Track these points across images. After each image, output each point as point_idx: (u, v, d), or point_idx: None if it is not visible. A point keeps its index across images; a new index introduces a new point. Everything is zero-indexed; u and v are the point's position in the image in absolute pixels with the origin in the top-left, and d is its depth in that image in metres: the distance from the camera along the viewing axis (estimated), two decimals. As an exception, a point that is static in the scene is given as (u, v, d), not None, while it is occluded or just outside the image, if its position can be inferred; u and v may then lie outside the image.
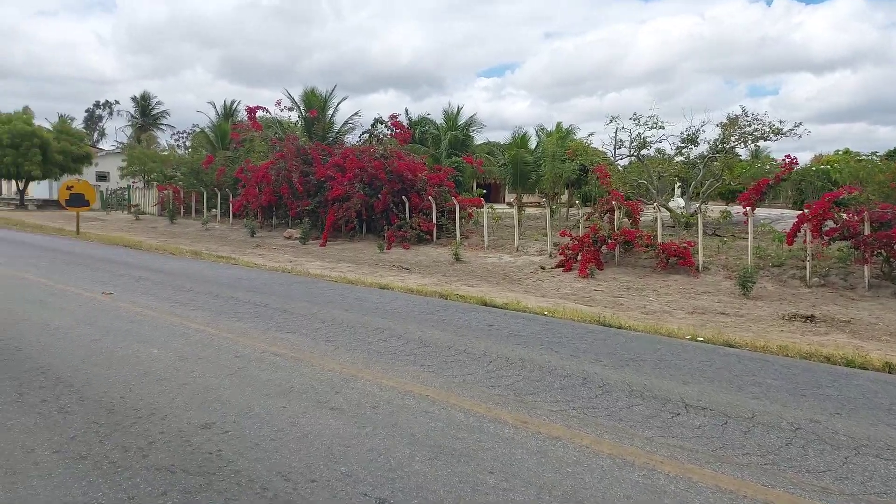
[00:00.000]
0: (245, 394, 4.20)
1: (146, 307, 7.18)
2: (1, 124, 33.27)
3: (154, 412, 3.83)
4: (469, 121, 36.50)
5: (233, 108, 38.95)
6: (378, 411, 3.89)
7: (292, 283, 9.82)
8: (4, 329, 5.91)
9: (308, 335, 6.01)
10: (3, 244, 14.76)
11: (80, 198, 19.73)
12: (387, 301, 8.33)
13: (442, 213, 18.51)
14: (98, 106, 64.58)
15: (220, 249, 16.16)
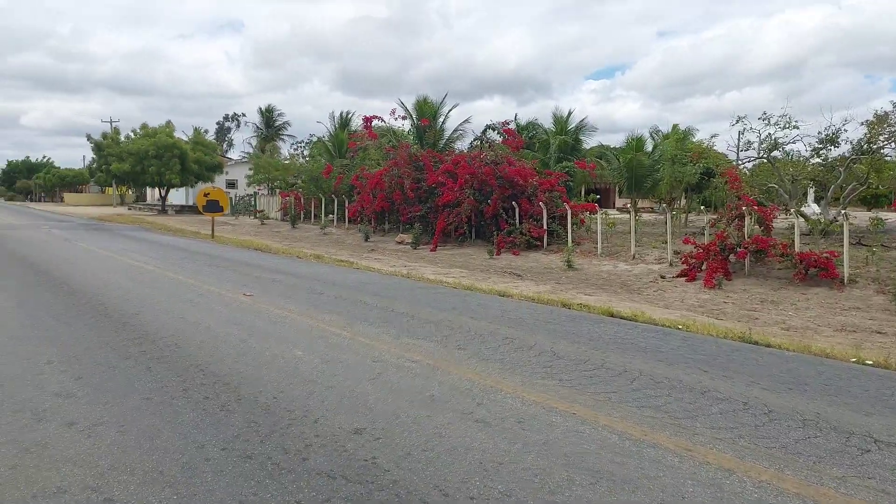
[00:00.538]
0: (388, 400, 4.23)
1: (284, 309, 7.55)
2: (147, 137, 36.98)
3: (306, 414, 3.94)
4: (579, 124, 35.59)
5: (348, 118, 40.63)
6: (525, 427, 3.75)
7: (414, 289, 9.96)
8: (165, 327, 6.42)
9: (439, 342, 6.01)
10: (153, 246, 16.29)
11: (215, 204, 21.41)
12: (509, 309, 8.19)
13: (553, 218, 18.15)
14: (227, 119, 70.22)
15: (338, 253, 16.81)
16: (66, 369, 4.88)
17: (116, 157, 35.67)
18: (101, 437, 3.58)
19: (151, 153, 35.37)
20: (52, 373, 4.79)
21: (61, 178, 69.14)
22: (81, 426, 3.73)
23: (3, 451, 3.37)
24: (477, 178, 18.98)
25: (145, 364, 5.03)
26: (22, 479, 3.05)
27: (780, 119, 18.75)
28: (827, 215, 18.57)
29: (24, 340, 5.77)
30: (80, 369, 4.88)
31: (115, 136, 39.70)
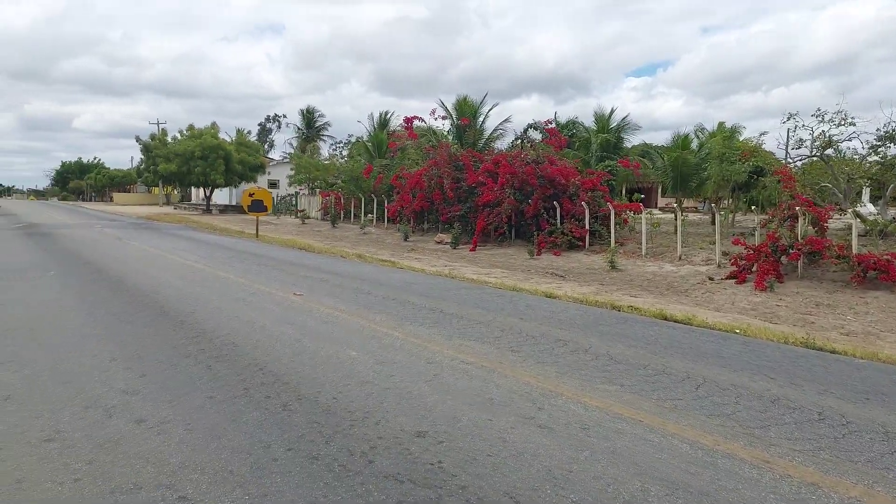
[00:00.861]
0: (447, 402, 4.19)
1: (334, 308, 7.60)
2: (193, 139, 37.99)
3: (367, 416, 3.94)
4: (621, 122, 34.96)
5: (386, 119, 40.88)
6: (590, 434, 3.66)
7: (459, 289, 9.92)
8: (220, 326, 6.53)
9: (491, 343, 5.95)
10: (201, 245, 16.68)
11: (259, 203, 21.81)
12: (558, 310, 8.07)
13: (595, 218, 17.87)
14: (268, 120, 71.64)
15: (379, 253, 16.91)
16: (130, 366, 5.00)
17: (164, 158, 36.76)
18: (169, 434, 3.64)
19: (197, 154, 36.32)
20: (116, 370, 4.92)
21: (111, 178, 71.71)
22: (150, 423, 3.81)
23: (80, 447, 3.45)
24: (517, 178, 18.83)
25: (205, 363, 5.11)
26: (99, 475, 3.11)
27: (834, 116, 18.01)
28: (885, 215, 17.76)
29: (88, 337, 5.94)
30: (144, 367, 4.99)
31: (163, 138, 40.93)
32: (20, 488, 2.99)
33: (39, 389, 4.42)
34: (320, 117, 63.82)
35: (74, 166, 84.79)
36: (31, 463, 3.26)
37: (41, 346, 5.60)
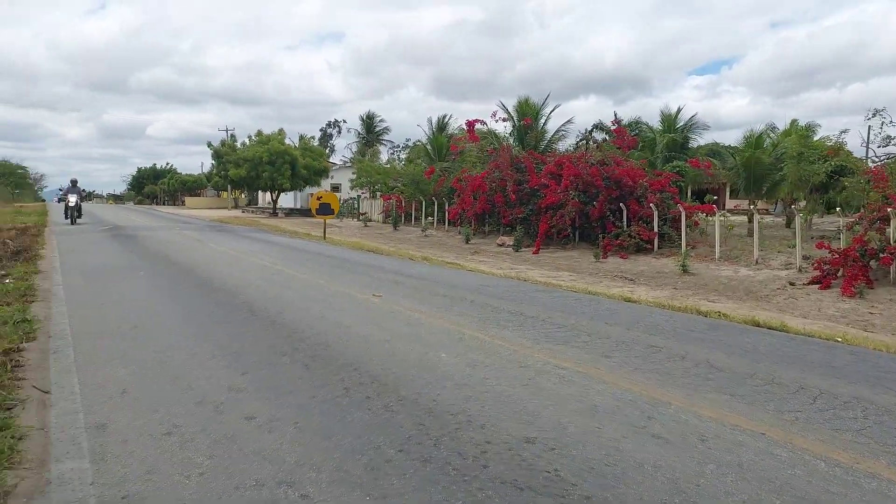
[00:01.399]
0: (549, 408, 4.09)
1: (415, 310, 7.63)
2: (262, 144, 39.24)
3: (470, 419, 3.89)
4: (688, 122, 33.87)
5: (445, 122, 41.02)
6: (709, 446, 3.48)
7: (533, 292, 9.79)
8: (309, 326, 6.65)
9: (581, 348, 5.80)
10: (275, 247, 17.18)
11: (326, 207, 22.29)
12: (641, 315, 7.82)
13: (664, 220, 17.32)
14: (329, 125, 73.36)
15: (443, 255, 16.95)
16: (229, 364, 5.15)
17: (233, 164, 38.16)
18: (280, 432, 3.70)
19: (265, 159, 37.50)
20: (217, 367, 5.07)
21: (182, 182, 75.18)
22: (260, 420, 3.88)
23: (198, 442, 3.55)
24: (582, 180, 18.50)
25: (301, 362, 5.20)
26: (221, 470, 3.19)
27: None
28: None
29: (186, 336, 6.17)
30: (243, 365, 5.12)
31: (232, 144, 42.51)
32: (150, 480, 3.10)
33: (151, 384, 4.60)
34: (380, 122, 64.87)
35: (149, 172, 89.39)
36: (156, 456, 3.38)
37: (145, 343, 5.85)
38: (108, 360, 5.21)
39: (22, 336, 5.82)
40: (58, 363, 5.13)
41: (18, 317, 6.54)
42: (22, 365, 5.02)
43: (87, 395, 4.35)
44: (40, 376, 4.79)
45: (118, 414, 3.99)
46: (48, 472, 3.18)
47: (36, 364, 5.10)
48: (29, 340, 5.78)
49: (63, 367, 5.01)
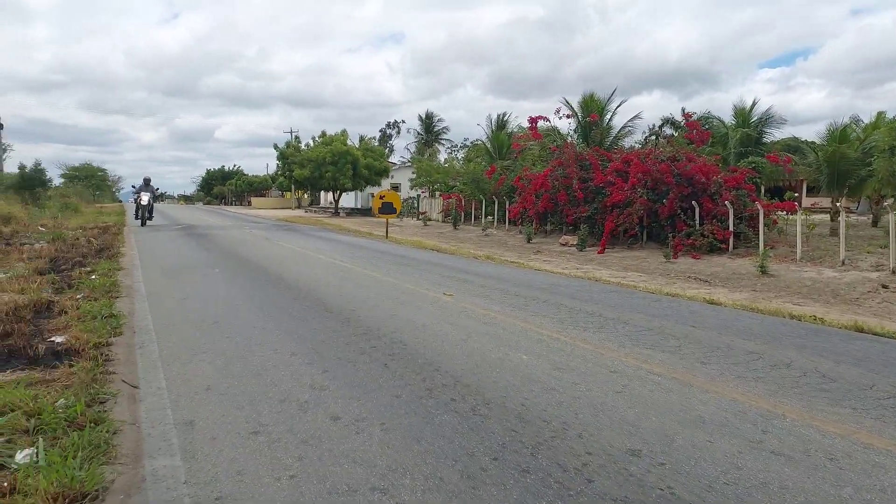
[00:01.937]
0: (650, 418, 3.80)
1: (487, 309, 7.43)
2: (325, 145, 40.07)
3: (565, 426, 3.65)
4: (763, 116, 32.13)
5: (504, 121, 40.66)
6: (841, 466, 3.11)
7: (607, 292, 9.40)
8: (384, 324, 6.56)
9: (672, 353, 5.44)
10: (341, 245, 17.38)
11: (389, 206, 22.41)
12: (728, 318, 7.33)
13: (739, 219, 16.42)
14: (388, 126, 74.27)
15: (505, 254, 16.67)
16: (310, 362, 5.09)
17: (298, 164, 39.11)
18: (367, 433, 3.58)
19: (328, 160, 38.25)
20: (299, 364, 5.02)
21: (249, 183, 77.85)
22: (345, 420, 3.78)
23: (285, 441, 3.47)
24: (651, 177, 17.78)
25: (381, 360, 5.09)
26: (312, 473, 3.08)
27: None
28: None
29: (265, 331, 6.19)
30: (323, 362, 5.06)
31: (297, 145, 43.60)
32: (242, 480, 3.02)
33: (235, 381, 4.59)
34: (439, 121, 65.05)
35: (217, 173, 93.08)
36: (245, 455, 3.31)
37: (227, 338, 5.90)
38: (192, 356, 5.26)
39: (110, 331, 5.98)
40: (144, 358, 5.22)
41: (106, 312, 6.75)
42: (111, 359, 5.13)
43: (174, 390, 4.38)
44: (128, 371, 4.88)
45: (205, 410, 3.97)
46: (142, 469, 3.17)
47: (124, 359, 5.20)
48: (116, 335, 5.93)
49: (149, 362, 5.09)
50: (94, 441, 3.38)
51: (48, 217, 24.17)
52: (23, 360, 5.13)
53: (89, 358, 5.05)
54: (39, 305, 7.11)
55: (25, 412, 3.76)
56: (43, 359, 5.14)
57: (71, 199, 37.45)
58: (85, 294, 7.97)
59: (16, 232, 16.89)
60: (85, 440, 3.34)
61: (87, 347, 5.34)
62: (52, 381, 4.52)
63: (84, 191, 54.09)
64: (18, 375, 4.67)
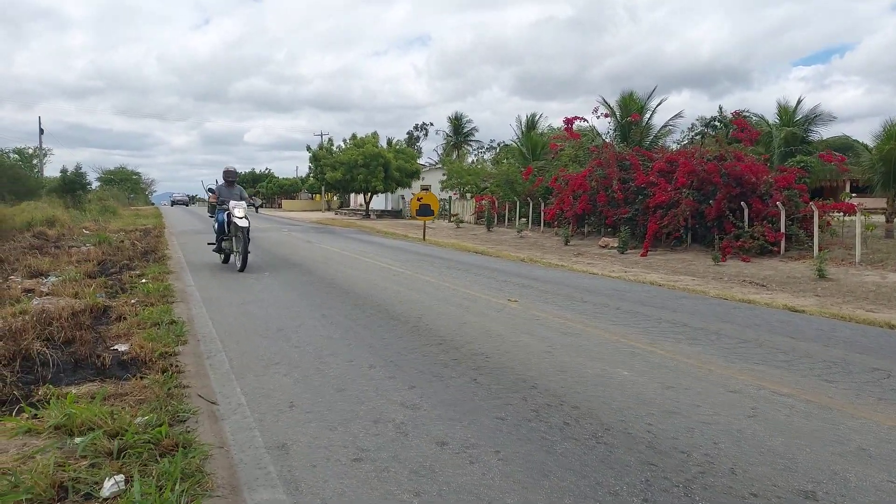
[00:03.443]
0: (804, 449, 3.32)
1: (560, 317, 6.99)
2: (356, 147, 39.94)
3: (710, 459, 3.19)
4: (809, 113, 31.10)
5: (534, 121, 40.09)
6: None
7: (678, 298, 8.88)
8: (457, 333, 6.16)
9: (787, 369, 4.94)
10: (381, 248, 17.08)
11: (427, 208, 22.06)
12: (824, 329, 6.77)
13: (791, 220, 15.70)
14: (416, 128, 74.17)
15: (545, 257, 16.21)
16: (391, 375, 4.72)
17: (330, 167, 39.04)
18: (483, 463, 3.17)
19: (360, 162, 38.10)
20: (380, 378, 4.65)
21: (280, 186, 78.44)
22: (454, 447, 3.38)
23: (395, 472, 3.09)
24: (697, 177, 17.14)
25: (468, 375, 4.69)
26: (438, 513, 2.69)
27: None
28: None
29: (334, 340, 5.84)
30: (406, 377, 4.68)
31: (329, 148, 43.61)
32: (359, 520, 2.64)
33: (318, 396, 4.23)
34: (467, 123, 64.65)
35: (248, 176, 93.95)
36: (354, 487, 2.93)
37: (296, 347, 5.56)
38: (265, 368, 4.93)
39: (175, 339, 5.70)
40: (215, 369, 4.91)
41: (166, 318, 6.49)
42: (182, 371, 4.82)
43: (255, 406, 4.04)
44: (201, 384, 4.56)
45: (295, 431, 3.62)
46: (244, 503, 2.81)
47: (194, 370, 4.89)
48: (181, 344, 5.64)
49: (222, 374, 4.77)
50: (187, 469, 3.04)
51: (90, 220, 24.42)
52: (90, 370, 4.86)
53: (159, 369, 4.75)
54: (96, 311, 6.90)
55: (107, 432, 3.45)
56: (110, 369, 4.86)
57: (108, 201, 37.99)
58: (139, 299, 7.74)
59: (62, 235, 16.97)
60: (177, 468, 3.00)
61: (153, 357, 5.05)
62: (124, 395, 4.21)
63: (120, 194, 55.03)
64: (90, 388, 4.39)
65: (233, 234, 10.77)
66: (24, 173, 35.23)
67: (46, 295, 7.75)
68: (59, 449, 3.31)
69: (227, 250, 11.28)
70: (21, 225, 17.65)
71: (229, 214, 10.65)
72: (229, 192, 11.28)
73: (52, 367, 4.73)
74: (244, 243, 10.41)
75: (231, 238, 10.93)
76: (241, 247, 10.44)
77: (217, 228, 11.24)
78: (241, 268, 10.46)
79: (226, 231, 10.96)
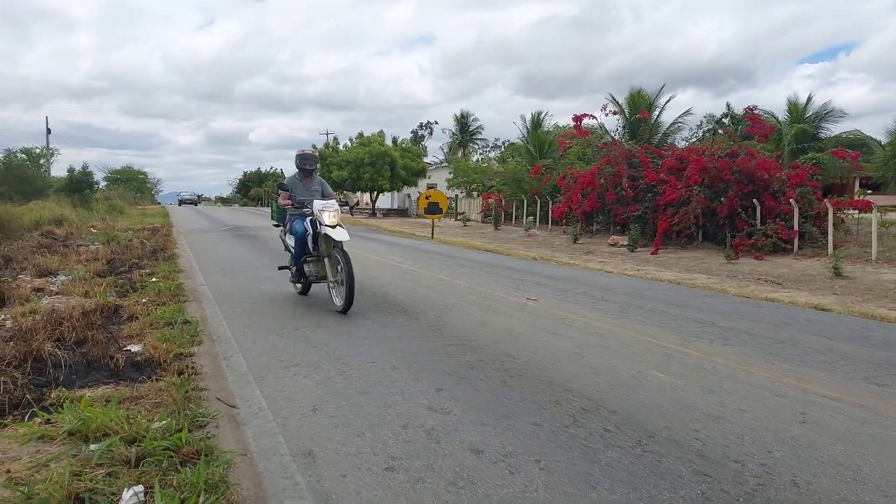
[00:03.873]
0: (867, 459, 3.11)
1: (585, 317, 6.78)
2: (362, 146, 39.77)
3: (768, 470, 2.98)
4: (820, 110, 30.74)
5: (540, 120, 39.80)
6: None
7: (700, 297, 8.66)
8: (479, 333, 5.97)
9: (828, 370, 4.72)
10: (393, 247, 16.90)
11: (435, 206, 21.87)
12: (855, 328, 6.55)
13: (804, 218, 15.45)
14: (421, 127, 73.88)
15: (556, 255, 16.01)
16: (416, 377, 4.52)
17: (336, 166, 38.86)
18: (525, 473, 2.97)
19: (366, 161, 37.94)
20: (405, 380, 4.46)
21: (284, 185, 78.25)
22: (490, 455, 3.18)
23: (431, 482, 2.89)
24: (709, 174, 16.90)
25: (496, 377, 4.50)
26: (484, 529, 2.49)
27: None
28: None
29: (354, 340, 5.65)
30: (432, 379, 4.48)
31: (335, 146, 43.45)
32: (398, 537, 2.45)
33: (342, 400, 4.04)
34: (473, 121, 64.35)
35: (254, 175, 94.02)
36: (387, 499, 2.74)
37: (314, 348, 5.38)
38: (284, 369, 4.74)
39: (189, 339, 5.52)
40: (232, 371, 4.72)
41: (179, 318, 6.31)
42: (198, 373, 4.64)
43: (277, 411, 3.85)
44: (219, 386, 4.38)
45: (321, 437, 3.43)
46: (273, 517, 2.62)
47: (211, 372, 4.71)
48: (196, 344, 5.46)
49: (240, 376, 4.59)
50: (210, 479, 2.85)
51: (97, 219, 24.32)
52: (103, 371, 4.69)
53: (174, 371, 4.58)
54: (107, 310, 6.73)
55: (123, 438, 3.27)
56: (124, 371, 4.69)
57: (115, 201, 37.94)
58: (151, 298, 7.57)
59: (70, 234, 16.85)
60: (200, 479, 2.82)
61: (168, 358, 4.88)
62: (140, 399, 4.04)
63: (126, 193, 55.01)
64: (104, 391, 4.21)
65: (323, 253, 7.03)
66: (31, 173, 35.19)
67: (56, 294, 7.59)
68: (74, 456, 3.13)
69: (311, 277, 7.40)
70: (29, 224, 17.54)
71: (314, 222, 7.06)
72: (307, 187, 7.57)
73: (65, 369, 4.57)
74: (346, 268, 6.56)
75: (319, 260, 7.21)
76: (344, 273, 6.63)
77: (295, 244, 7.39)
78: (345, 307, 6.69)
79: (309, 248, 7.19)
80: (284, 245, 8.21)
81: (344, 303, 6.68)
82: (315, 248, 7.16)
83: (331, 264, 7.01)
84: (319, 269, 7.31)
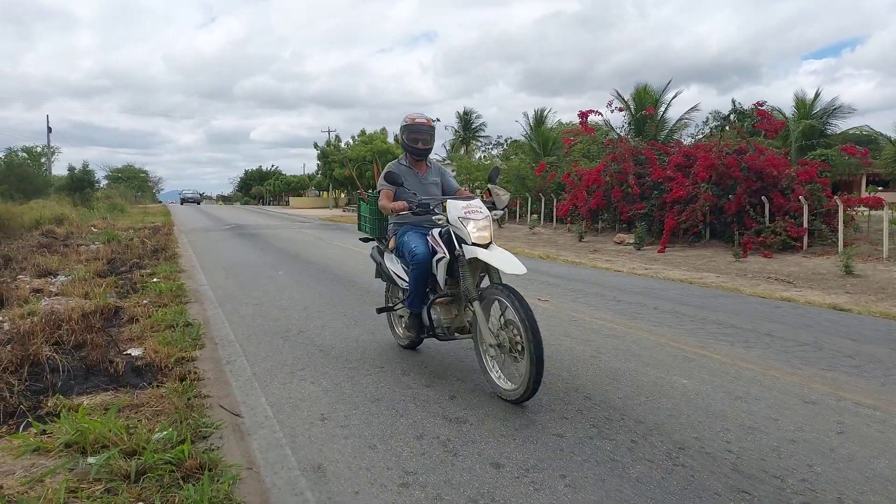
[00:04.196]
0: (912, 473, 2.91)
1: (600, 318, 6.58)
2: (364, 144, 39.63)
3: (810, 486, 2.79)
4: (828, 106, 30.47)
5: (542, 117, 39.50)
6: None
7: (715, 297, 8.45)
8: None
9: (858, 375, 4.52)
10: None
11: (439, 204, 21.64)
12: (882, 329, 6.34)
13: (814, 215, 15.23)
14: (424, 124, 73.49)
15: (561, 254, 15.78)
16: (429, 384, 4.34)
17: (339, 163, 38.73)
18: (550, 490, 2.78)
19: (369, 158, 37.75)
20: (417, 386, 4.27)
21: (287, 183, 78.27)
22: (511, 469, 2.99)
23: (449, 499, 2.70)
24: (716, 171, 16.67)
25: (513, 383, 4.30)
26: (511, 554, 2.30)
27: None
28: None
29: (361, 344, 5.47)
30: (445, 385, 4.29)
31: (337, 144, 43.30)
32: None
33: (352, 408, 3.85)
34: (476, 118, 63.98)
35: (255, 173, 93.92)
36: (406, 519, 2.55)
37: (321, 351, 5.19)
38: (290, 374, 4.56)
39: (191, 343, 5.34)
40: (236, 376, 4.54)
41: (180, 320, 6.13)
42: (201, 378, 4.46)
43: (283, 420, 3.67)
44: (222, 392, 4.20)
45: (330, 449, 3.24)
46: (283, 540, 2.44)
47: (214, 377, 4.53)
48: (198, 348, 5.28)
49: (244, 381, 4.41)
50: (215, 497, 2.67)
51: (98, 218, 24.17)
52: (102, 377, 4.50)
53: (176, 377, 4.39)
54: (107, 312, 6.55)
55: (123, 450, 3.09)
56: (123, 376, 4.51)
57: (116, 199, 37.81)
58: (152, 299, 7.40)
59: (70, 233, 16.69)
60: (204, 497, 2.63)
61: (169, 363, 4.70)
62: (140, 406, 3.86)
63: (127, 192, 54.92)
64: (103, 398, 4.03)
65: (466, 290, 4.15)
66: (32, 171, 35.07)
67: (55, 295, 7.42)
68: (71, 471, 2.96)
69: (439, 330, 4.38)
70: (29, 223, 17.39)
71: (448, 238, 4.28)
72: (419, 180, 4.88)
73: (63, 374, 4.38)
74: (525, 321, 3.76)
75: (457, 302, 4.35)
76: (519, 331, 3.81)
77: (412, 276, 4.43)
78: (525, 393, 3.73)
79: (440, 283, 4.30)
80: (382, 273, 5.21)
81: (524, 387, 3.69)
82: (449, 279, 4.25)
83: (484, 311, 4.03)
84: (454, 316, 4.35)
